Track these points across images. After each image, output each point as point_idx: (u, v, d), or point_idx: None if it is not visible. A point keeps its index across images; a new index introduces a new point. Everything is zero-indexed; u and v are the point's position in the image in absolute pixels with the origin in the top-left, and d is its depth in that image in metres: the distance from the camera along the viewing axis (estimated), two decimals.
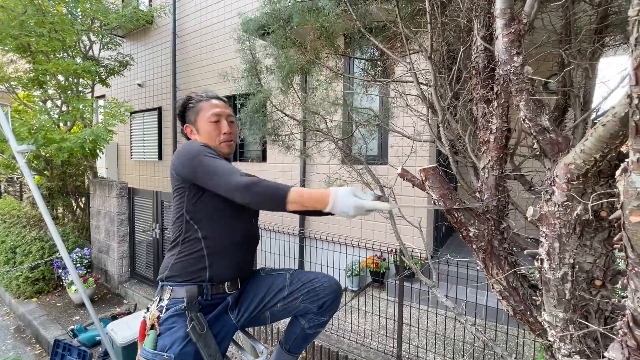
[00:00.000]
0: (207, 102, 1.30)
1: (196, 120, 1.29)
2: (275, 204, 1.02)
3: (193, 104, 1.31)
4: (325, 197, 1.01)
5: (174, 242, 1.24)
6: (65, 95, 4.85)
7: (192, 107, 1.31)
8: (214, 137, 1.27)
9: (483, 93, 0.97)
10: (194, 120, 1.30)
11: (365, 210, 0.99)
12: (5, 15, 4.03)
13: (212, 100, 1.32)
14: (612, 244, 0.77)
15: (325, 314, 1.39)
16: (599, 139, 0.59)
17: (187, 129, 1.33)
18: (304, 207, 1.02)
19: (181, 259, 1.20)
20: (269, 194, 1.02)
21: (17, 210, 5.47)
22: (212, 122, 1.27)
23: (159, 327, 1.13)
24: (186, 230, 1.21)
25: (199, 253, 1.20)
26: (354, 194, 1.00)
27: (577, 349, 0.83)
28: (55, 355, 2.73)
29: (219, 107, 1.30)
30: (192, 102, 1.32)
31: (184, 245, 1.21)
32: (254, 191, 1.02)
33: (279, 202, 1.01)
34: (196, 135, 1.31)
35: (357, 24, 1.73)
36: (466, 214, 1.02)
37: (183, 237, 1.21)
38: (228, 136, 1.30)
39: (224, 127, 1.29)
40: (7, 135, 2.48)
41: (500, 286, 1.07)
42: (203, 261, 1.20)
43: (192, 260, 1.20)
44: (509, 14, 0.75)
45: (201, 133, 1.29)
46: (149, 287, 4.32)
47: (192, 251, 1.20)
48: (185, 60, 6.38)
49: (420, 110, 1.73)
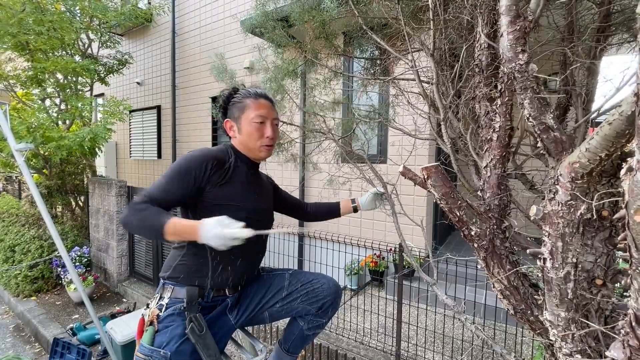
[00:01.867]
0: (254, 101, 1.21)
1: (240, 117, 1.21)
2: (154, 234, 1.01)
3: (239, 99, 1.22)
4: (195, 229, 0.99)
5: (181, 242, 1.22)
6: (64, 93, 4.83)
7: (237, 102, 1.22)
8: (255, 139, 1.20)
9: (486, 91, 0.96)
10: (237, 117, 1.21)
11: (228, 239, 0.96)
12: (3, 13, 4.01)
13: (260, 99, 1.22)
14: (613, 244, 0.76)
15: (324, 316, 1.38)
16: (604, 138, 0.59)
17: (227, 123, 1.24)
18: (181, 238, 1.01)
19: (186, 261, 1.19)
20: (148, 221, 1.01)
21: (16, 209, 5.46)
22: (256, 122, 1.19)
23: (158, 324, 1.13)
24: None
25: (204, 260, 1.17)
26: (219, 224, 0.97)
27: (578, 348, 0.83)
28: (54, 353, 2.72)
29: (266, 109, 1.21)
30: (238, 97, 1.23)
31: (190, 249, 1.18)
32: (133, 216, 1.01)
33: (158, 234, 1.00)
34: (236, 132, 1.23)
35: (359, 20, 1.72)
36: (468, 213, 1.01)
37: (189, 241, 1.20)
38: (270, 140, 1.22)
39: (268, 131, 1.21)
40: (6, 133, 2.46)
41: (501, 285, 1.06)
42: (207, 268, 1.18)
43: (196, 266, 1.18)
44: (514, 11, 0.75)
45: (242, 133, 1.21)
46: (148, 286, 4.31)
47: (197, 256, 1.18)
48: (184, 58, 6.35)
49: (422, 108, 1.72)
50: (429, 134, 1.90)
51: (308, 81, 2.31)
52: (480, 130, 1.06)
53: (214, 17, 5.81)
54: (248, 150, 1.23)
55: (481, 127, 1.04)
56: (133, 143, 7.79)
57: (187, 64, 6.31)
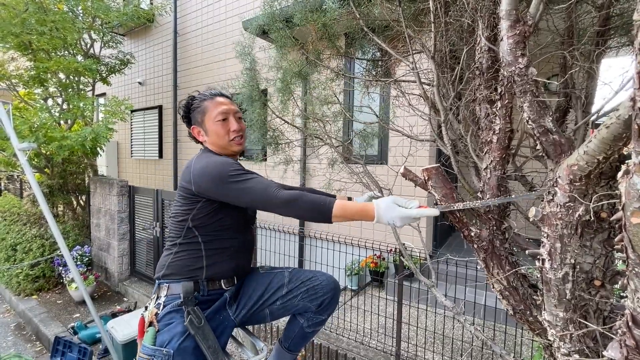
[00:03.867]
0: (211, 101, 1.26)
1: (203, 120, 1.25)
2: (321, 217, 1.05)
3: (197, 104, 1.27)
4: (370, 211, 1.03)
5: (172, 243, 1.24)
6: (66, 93, 4.85)
7: (196, 107, 1.27)
8: (223, 136, 1.24)
9: (486, 93, 0.98)
10: (201, 121, 1.26)
11: (412, 219, 1.00)
12: (6, 12, 4.02)
13: (216, 98, 1.27)
14: (612, 245, 0.78)
15: (324, 313, 1.40)
16: (602, 141, 0.60)
17: (194, 130, 1.29)
18: (348, 219, 1.06)
19: (179, 258, 1.21)
20: (314, 209, 1.05)
21: (18, 208, 5.48)
22: (220, 120, 1.23)
23: (157, 323, 1.14)
24: (186, 234, 1.21)
25: (198, 254, 1.20)
26: (396, 204, 1.01)
27: (576, 348, 0.84)
28: (55, 352, 2.73)
29: (225, 105, 1.26)
30: (196, 102, 1.27)
31: (183, 247, 1.21)
32: (298, 206, 1.05)
33: (324, 216, 1.04)
34: (204, 136, 1.27)
35: (361, 22, 1.74)
36: (468, 214, 1.02)
37: (182, 240, 1.21)
38: (237, 133, 1.26)
39: (233, 125, 1.25)
40: (9, 132, 2.48)
41: (500, 286, 1.07)
42: (201, 261, 1.20)
43: (190, 260, 1.20)
44: (514, 15, 0.76)
45: (210, 134, 1.25)
46: (149, 285, 4.32)
47: (190, 252, 1.21)
48: (186, 58, 6.37)
49: (422, 110, 1.74)
50: (429, 135, 1.91)
51: (310, 82, 2.32)
52: (480, 132, 1.07)
53: (216, 17, 5.83)
54: (221, 148, 1.27)
55: (481, 129, 1.05)
56: (134, 143, 7.81)
57: (188, 64, 6.33)
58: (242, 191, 1.09)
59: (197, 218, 1.18)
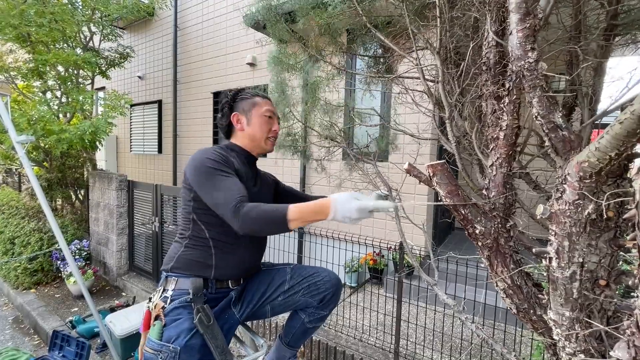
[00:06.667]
0: (263, 99, 1.34)
1: (251, 110, 1.29)
2: (278, 226, 1.01)
3: (248, 96, 1.32)
4: (326, 207, 1.00)
5: (182, 235, 1.23)
6: (65, 86, 4.81)
7: (246, 97, 1.32)
8: (264, 131, 1.30)
9: (493, 89, 0.96)
10: (248, 110, 1.30)
11: (368, 212, 0.98)
12: (5, 4, 3.98)
13: (266, 99, 1.36)
14: (618, 245, 0.76)
15: (326, 308, 1.39)
16: (615, 137, 0.58)
17: (234, 117, 1.31)
18: (307, 221, 1.01)
19: (188, 252, 1.20)
20: (267, 217, 1.00)
21: (16, 201, 5.45)
22: (267, 116, 1.30)
23: (164, 318, 1.13)
24: (194, 229, 1.20)
25: (207, 251, 1.19)
26: (354, 197, 0.99)
27: (582, 348, 0.83)
28: (53, 346, 2.72)
29: (272, 107, 1.35)
30: (247, 94, 1.33)
31: (192, 241, 1.21)
32: (249, 219, 0.99)
33: (280, 223, 1.00)
34: (244, 125, 1.30)
35: (363, 18, 1.71)
36: (473, 211, 1.01)
37: (191, 233, 1.21)
38: (275, 134, 1.35)
39: (275, 125, 1.34)
40: (7, 125, 2.45)
41: (504, 284, 1.06)
42: (210, 259, 1.19)
43: (199, 256, 1.19)
44: (524, 9, 0.74)
45: (252, 125, 1.29)
46: (147, 280, 4.31)
47: (199, 248, 1.20)
48: (186, 53, 6.33)
49: (426, 107, 1.72)
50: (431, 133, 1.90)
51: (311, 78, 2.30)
52: (485, 129, 1.06)
53: (217, 11, 5.78)
54: (253, 141, 1.30)
55: (487, 125, 1.03)
56: (134, 137, 7.77)
57: (188, 59, 6.29)
58: (211, 186, 1.07)
59: (199, 211, 1.17)
